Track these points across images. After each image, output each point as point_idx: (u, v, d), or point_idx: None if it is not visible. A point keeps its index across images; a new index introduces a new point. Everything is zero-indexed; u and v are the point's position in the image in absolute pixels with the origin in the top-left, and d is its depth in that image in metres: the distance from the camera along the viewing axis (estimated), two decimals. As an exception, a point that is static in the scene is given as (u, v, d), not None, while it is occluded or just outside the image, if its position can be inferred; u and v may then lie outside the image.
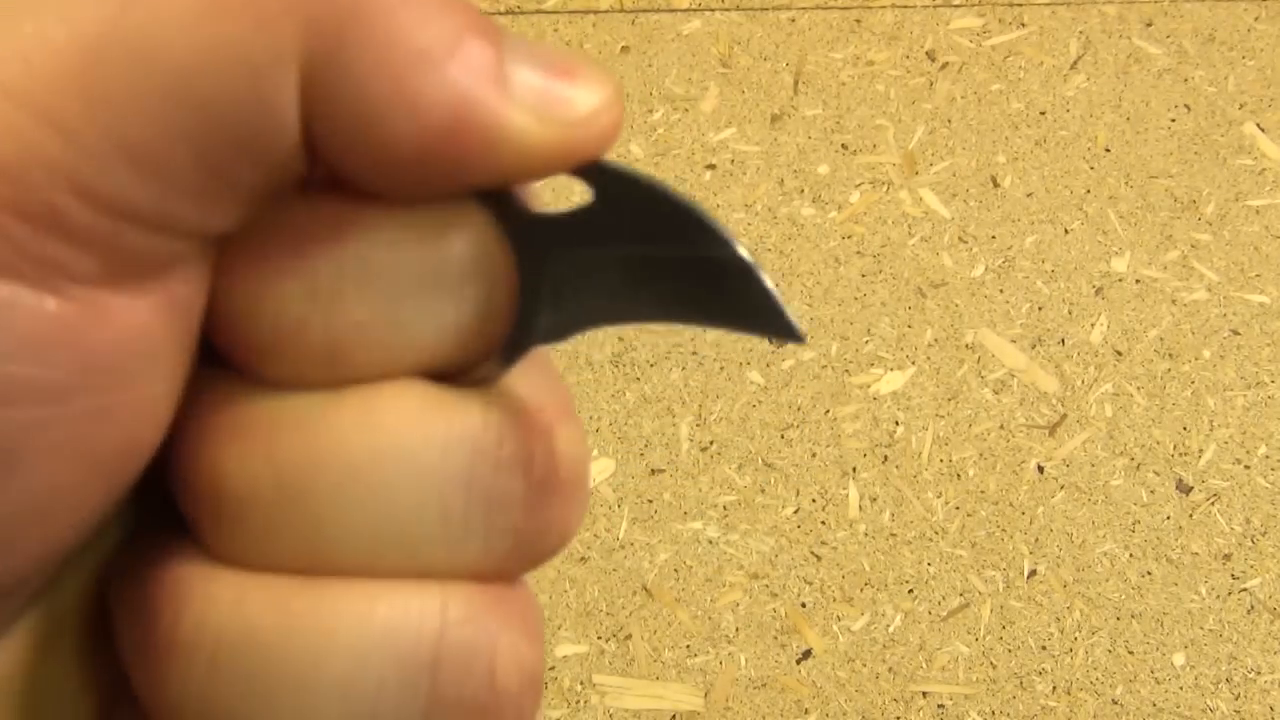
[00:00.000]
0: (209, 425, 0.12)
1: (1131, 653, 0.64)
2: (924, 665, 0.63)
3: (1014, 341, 0.72)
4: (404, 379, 0.12)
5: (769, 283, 0.12)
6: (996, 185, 0.78)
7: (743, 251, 0.12)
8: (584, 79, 0.12)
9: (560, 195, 0.66)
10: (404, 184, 0.11)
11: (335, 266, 0.12)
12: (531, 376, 0.13)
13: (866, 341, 0.72)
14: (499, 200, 0.12)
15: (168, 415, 0.12)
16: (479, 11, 0.11)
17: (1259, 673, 0.63)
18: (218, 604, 0.12)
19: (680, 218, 0.12)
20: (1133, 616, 0.64)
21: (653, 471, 0.68)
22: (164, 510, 0.14)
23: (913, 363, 0.71)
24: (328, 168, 0.11)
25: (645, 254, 0.12)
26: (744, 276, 0.12)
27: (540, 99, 0.11)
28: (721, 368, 0.71)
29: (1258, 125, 0.81)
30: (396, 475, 0.12)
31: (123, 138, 0.10)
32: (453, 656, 0.12)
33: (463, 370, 0.13)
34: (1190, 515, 0.67)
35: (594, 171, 0.12)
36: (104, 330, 0.11)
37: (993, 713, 0.62)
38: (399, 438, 0.12)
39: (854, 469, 0.68)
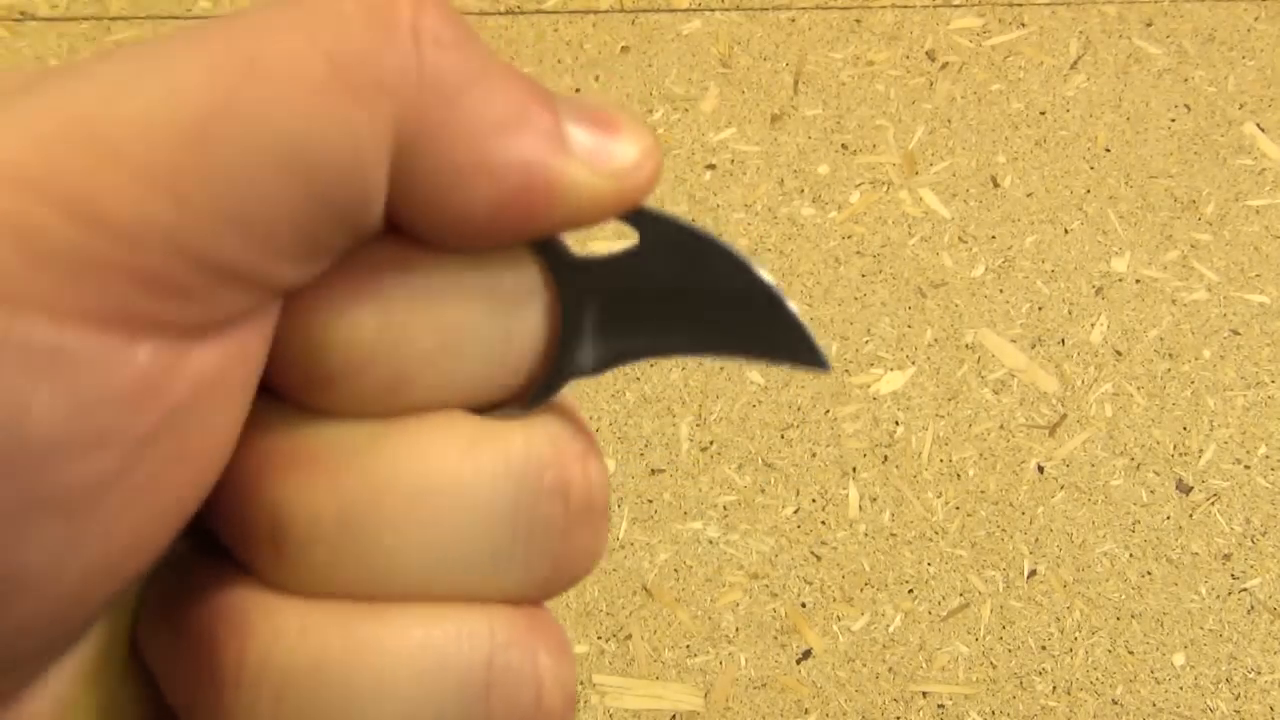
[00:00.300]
0: (268, 457, 0.13)
1: (1131, 653, 0.64)
2: (924, 665, 0.63)
3: (1014, 341, 0.72)
4: (452, 411, 0.13)
5: (799, 316, 0.13)
6: (996, 185, 0.78)
7: (775, 288, 0.13)
8: (626, 131, 0.13)
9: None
10: (474, 239, 0.12)
11: (406, 299, 0.13)
12: (562, 411, 0.14)
13: (866, 341, 0.72)
14: (546, 244, 0.13)
15: (229, 452, 0.13)
16: (535, 80, 0.13)
17: (1259, 673, 0.63)
18: (283, 635, 0.12)
19: (717, 256, 0.13)
20: (1133, 616, 0.64)
21: (653, 471, 0.68)
22: (190, 539, 0.14)
23: (913, 363, 0.71)
24: (405, 227, 0.12)
25: (682, 291, 0.13)
26: (776, 311, 0.13)
27: (592, 155, 0.13)
28: (721, 368, 0.71)
29: (1258, 125, 0.81)
30: (451, 505, 0.13)
31: (232, 206, 0.11)
32: (503, 679, 0.13)
33: (505, 403, 0.14)
34: (1190, 515, 0.67)
35: (637, 216, 0.14)
36: (185, 379, 0.11)
37: (993, 713, 0.62)
38: (453, 468, 0.13)
39: (854, 469, 0.68)
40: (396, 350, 0.13)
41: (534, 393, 0.14)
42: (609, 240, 0.70)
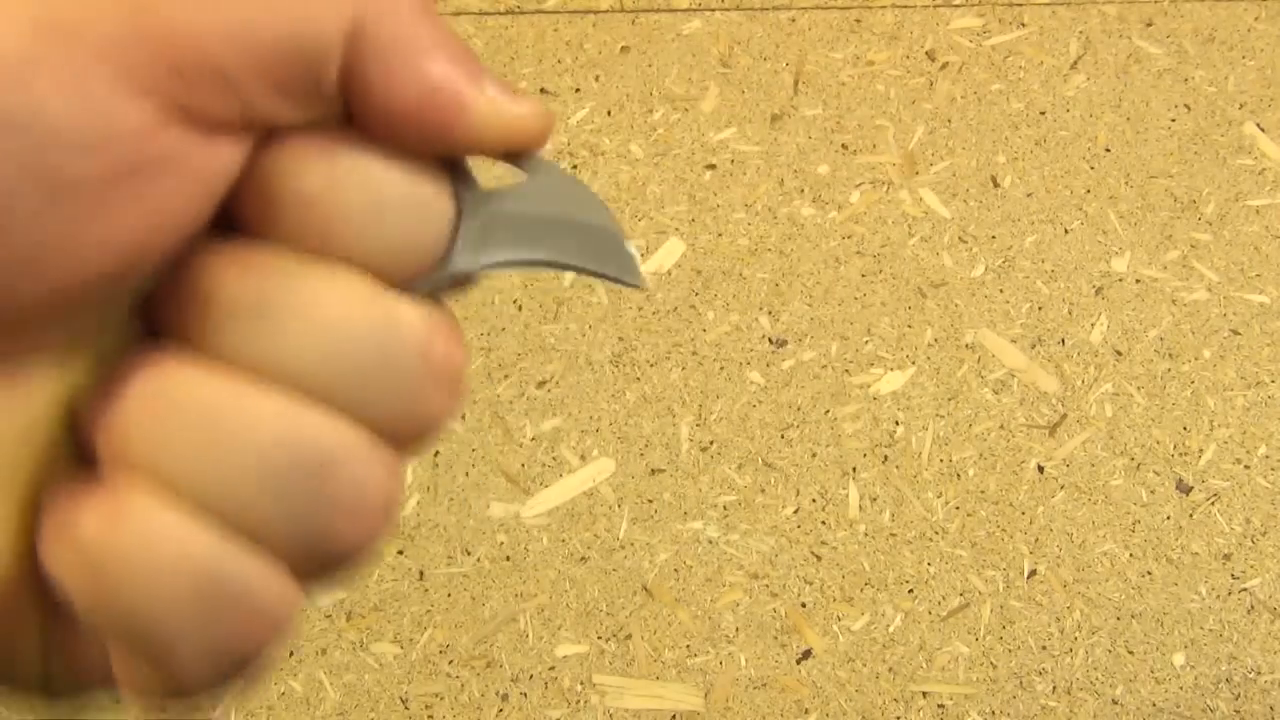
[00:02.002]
0: (218, 256, 0.17)
1: (1131, 653, 0.64)
2: (924, 665, 0.63)
3: (1014, 341, 0.72)
4: (364, 273, 0.17)
5: (630, 247, 0.19)
6: (996, 185, 0.78)
7: (615, 225, 0.19)
8: (529, 101, 0.18)
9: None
10: (399, 128, 0.17)
11: (350, 162, 0.17)
12: (446, 308, 0.19)
13: (866, 341, 0.72)
14: (457, 167, 0.18)
15: (195, 221, 0.17)
16: (465, 48, 0.18)
17: (1259, 673, 0.63)
18: (183, 381, 0.16)
19: (582, 199, 0.19)
20: (1133, 616, 0.64)
21: (653, 471, 0.68)
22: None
23: (913, 363, 0.71)
24: (352, 108, 0.17)
25: (551, 221, 0.18)
26: (613, 241, 0.19)
27: (498, 99, 0.17)
28: (721, 368, 0.71)
29: (1258, 125, 0.81)
30: (339, 327, 0.17)
31: (242, 39, 0.16)
32: (335, 472, 0.17)
33: (403, 284, 0.18)
34: (1190, 515, 0.67)
35: (528, 164, 0.19)
36: (172, 141, 0.16)
37: (993, 713, 0.62)
38: (349, 305, 0.17)
39: (854, 469, 0.68)
40: (334, 197, 0.17)
41: (424, 279, 0.18)
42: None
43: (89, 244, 0.15)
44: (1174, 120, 0.81)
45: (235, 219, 0.17)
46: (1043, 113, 0.81)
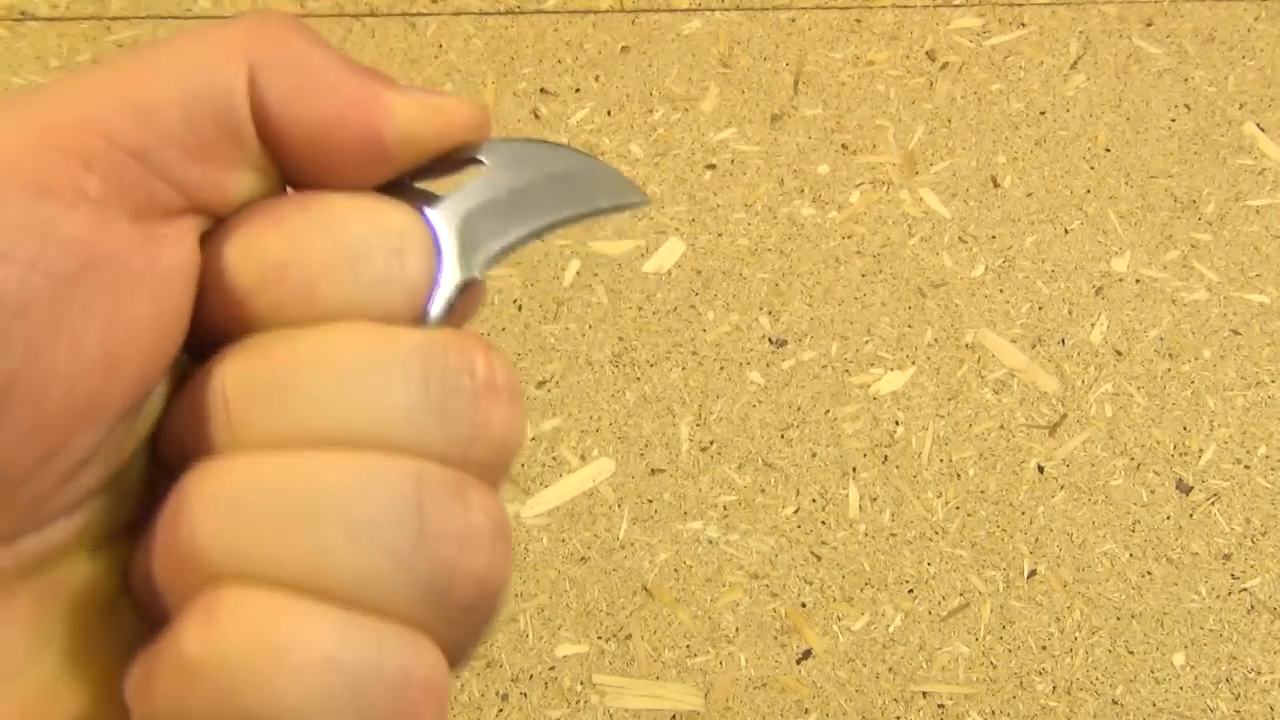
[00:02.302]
0: (215, 361, 0.16)
1: (1131, 653, 0.64)
2: (924, 665, 0.63)
3: (1014, 341, 0.72)
4: (362, 318, 0.16)
5: (614, 170, 0.18)
6: (996, 185, 0.78)
7: (591, 157, 0.18)
8: (451, 94, 0.17)
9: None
10: (333, 155, 0.16)
11: (305, 222, 0.16)
12: (463, 329, 0.18)
13: (866, 341, 0.72)
14: (412, 194, 0.17)
15: (175, 325, 0.16)
16: (357, 62, 0.17)
17: (1259, 673, 0.63)
18: (232, 470, 0.15)
19: (545, 151, 0.18)
20: (1133, 616, 0.64)
21: (653, 471, 0.68)
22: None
23: (913, 363, 0.71)
24: (276, 150, 0.16)
25: (525, 188, 0.18)
26: (597, 173, 0.18)
27: (418, 94, 0.17)
28: (721, 368, 0.71)
29: (1258, 125, 0.81)
30: (364, 367, 0.16)
31: (140, 112, 0.15)
32: (435, 513, 0.15)
33: (411, 319, 0.17)
34: (1190, 515, 0.67)
35: (481, 150, 0.18)
36: (117, 239, 0.15)
37: (993, 713, 0.62)
38: (366, 344, 0.16)
39: (854, 469, 0.68)
40: (300, 256, 0.16)
41: (427, 306, 0.17)
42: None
43: (59, 366, 0.14)
44: (1174, 120, 0.81)
45: (217, 331, 0.17)
46: (1043, 113, 0.81)
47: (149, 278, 0.15)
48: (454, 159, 0.18)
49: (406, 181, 0.17)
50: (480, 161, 0.18)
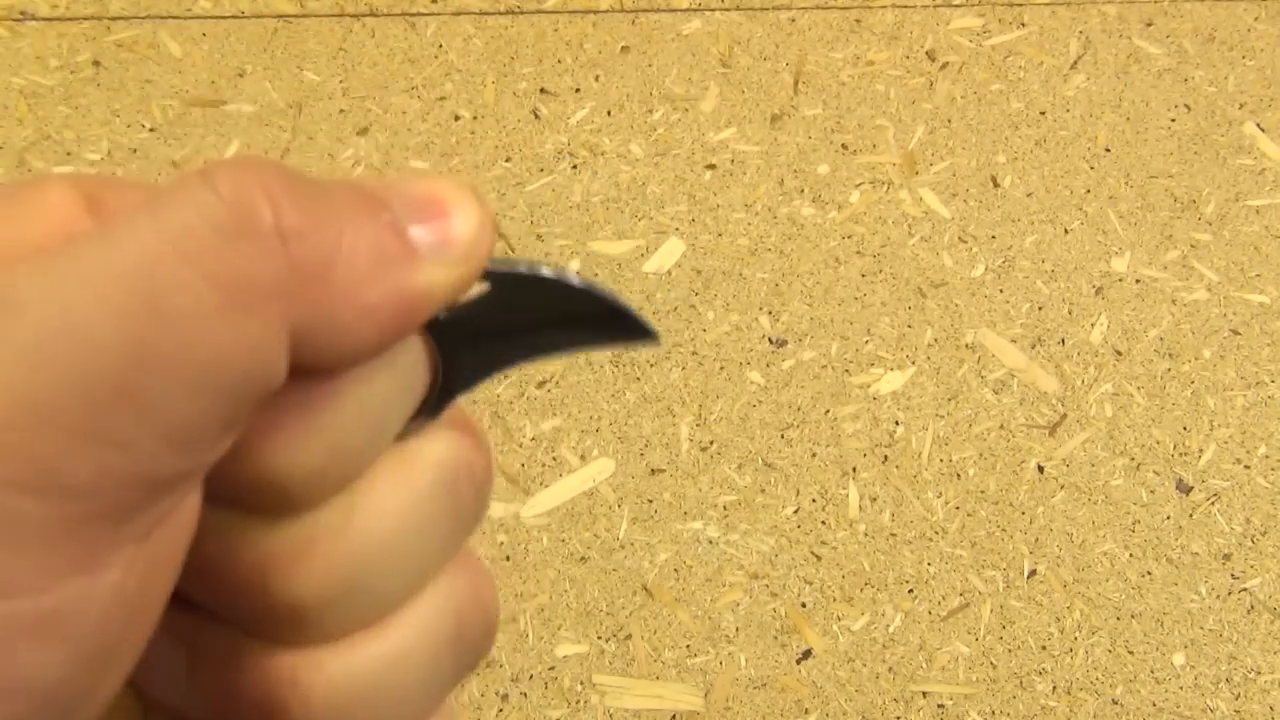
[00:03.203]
0: (268, 561, 0.16)
1: (1131, 653, 0.64)
2: (924, 665, 0.63)
3: (1014, 341, 0.72)
4: (383, 456, 0.16)
5: (625, 304, 0.17)
6: (996, 185, 0.78)
7: (608, 296, 0.17)
8: (455, 207, 0.15)
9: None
10: (366, 359, 0.15)
11: (339, 416, 0.15)
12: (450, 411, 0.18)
13: (866, 341, 0.72)
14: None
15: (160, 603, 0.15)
16: (366, 192, 0.15)
17: (1259, 673, 0.63)
18: (333, 678, 0.16)
19: (547, 284, 0.17)
20: (1133, 616, 0.64)
21: (653, 471, 0.68)
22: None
23: (913, 363, 0.71)
24: (305, 371, 0.15)
25: (530, 312, 0.17)
26: (604, 307, 0.17)
27: (438, 249, 0.15)
28: (721, 368, 0.71)
29: (1258, 125, 0.81)
30: (412, 528, 0.16)
31: (166, 430, 0.13)
32: (468, 618, 0.17)
33: (411, 424, 0.17)
34: (1190, 515, 0.67)
35: (488, 271, 0.17)
36: (123, 569, 0.14)
37: (993, 713, 0.62)
38: (406, 501, 0.16)
39: (854, 469, 0.68)
40: (343, 455, 0.15)
41: (430, 411, 0.17)
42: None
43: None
44: (1174, 120, 0.81)
45: (245, 507, 0.16)
46: (1043, 113, 0.81)
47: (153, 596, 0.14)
48: None
49: None
50: (484, 281, 0.17)
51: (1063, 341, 0.72)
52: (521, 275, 0.17)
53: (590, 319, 0.17)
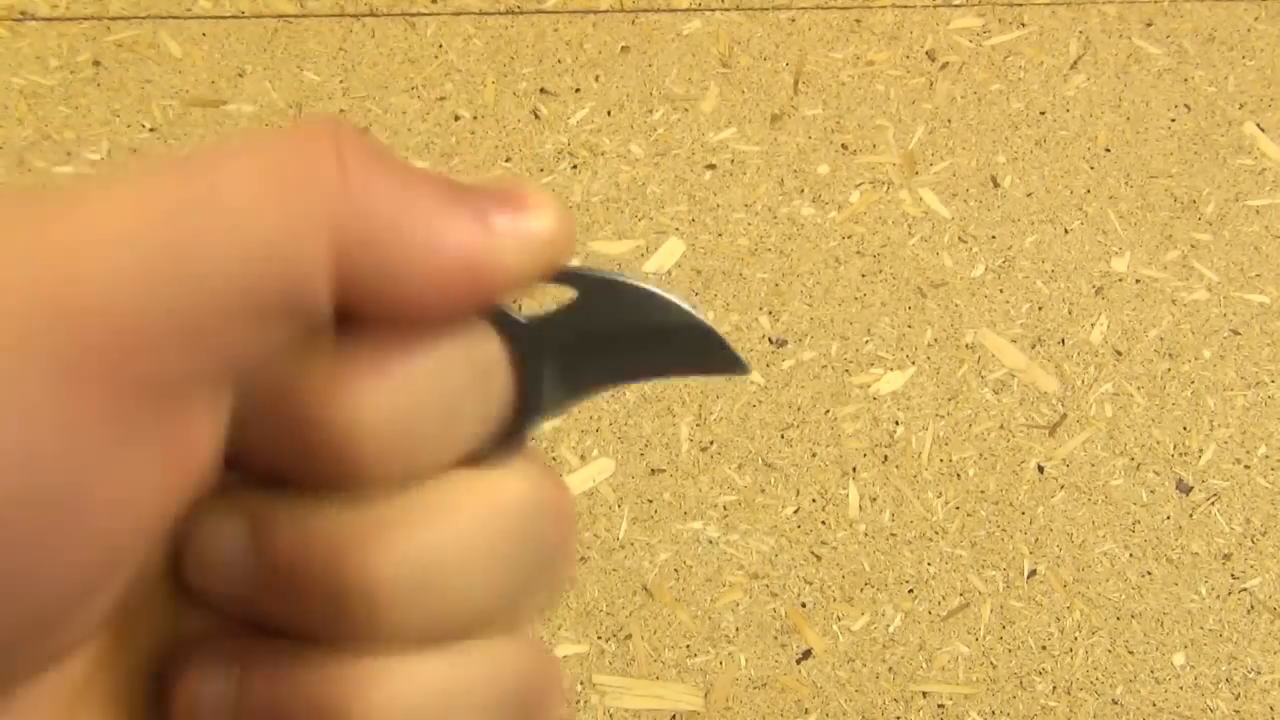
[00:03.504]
0: (340, 540, 0.15)
1: (1131, 653, 0.64)
2: (924, 665, 0.63)
3: (1014, 341, 0.72)
4: (456, 471, 0.16)
5: (718, 334, 0.16)
6: (996, 185, 0.78)
7: (696, 316, 0.16)
8: (536, 205, 0.15)
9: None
10: (427, 319, 0.15)
11: (412, 379, 0.15)
12: (529, 452, 0.17)
13: (866, 341, 0.72)
14: (495, 314, 0.16)
15: (168, 504, 0.15)
16: (450, 177, 0.15)
17: (1259, 673, 0.63)
18: (397, 689, 0.15)
19: (642, 298, 0.16)
20: (1133, 616, 0.64)
21: (653, 471, 0.68)
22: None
23: (913, 363, 0.71)
24: (364, 315, 0.15)
25: (620, 331, 0.16)
26: (698, 334, 0.16)
27: (515, 234, 0.15)
28: (721, 368, 0.71)
29: (1258, 125, 0.81)
30: (487, 546, 0.15)
31: (199, 320, 0.13)
32: (533, 691, 0.17)
33: (484, 451, 0.16)
34: (1190, 515, 0.67)
35: (571, 277, 0.16)
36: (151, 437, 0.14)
37: (993, 713, 0.62)
38: (483, 516, 0.16)
39: (854, 469, 0.68)
40: (414, 427, 0.15)
41: (510, 440, 0.16)
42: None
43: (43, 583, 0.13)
44: (1174, 120, 0.81)
45: (304, 480, 0.15)
46: (1043, 113, 0.81)
47: (169, 460, 0.14)
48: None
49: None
50: (564, 284, 0.16)
51: (1063, 341, 0.72)
52: (608, 281, 0.16)
53: (678, 341, 0.16)
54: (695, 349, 0.16)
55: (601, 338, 0.16)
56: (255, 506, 0.15)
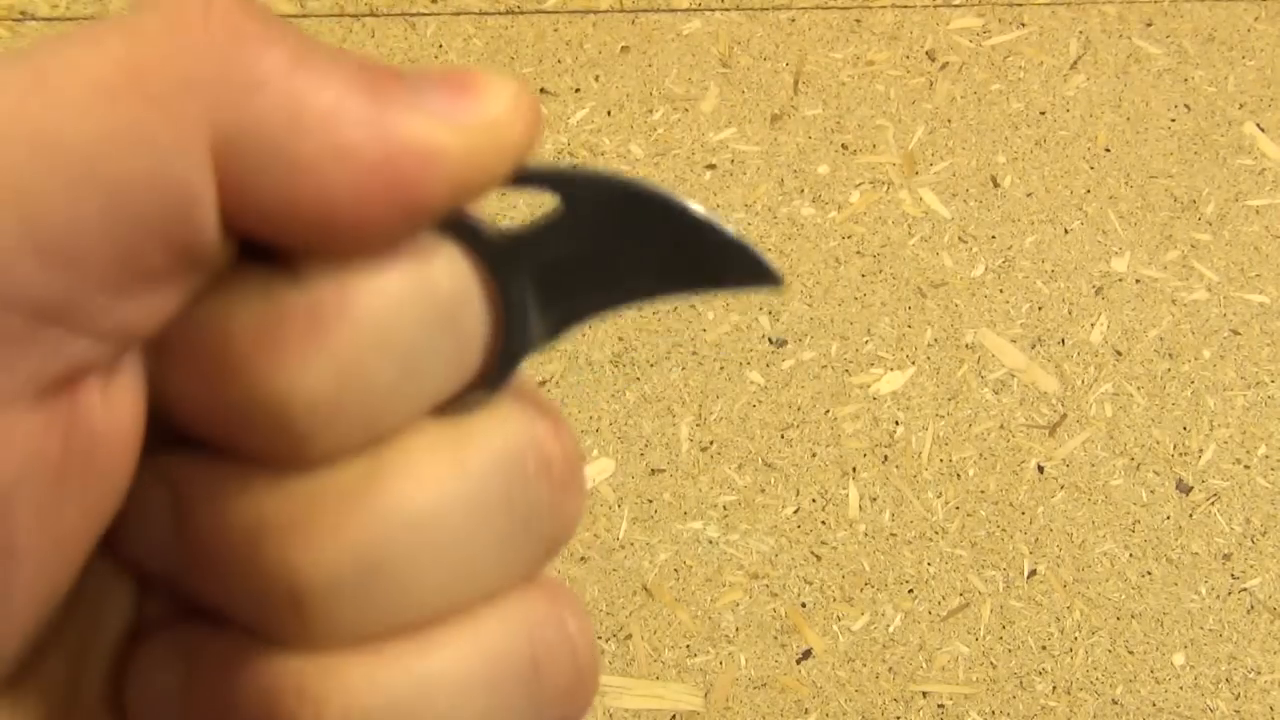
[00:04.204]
0: (264, 526, 0.13)
1: (1131, 653, 0.64)
2: (924, 665, 0.63)
3: (1014, 341, 0.72)
4: (422, 424, 0.13)
5: (740, 238, 0.13)
6: (996, 185, 0.78)
7: (709, 218, 0.13)
8: (487, 86, 0.12)
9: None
10: (348, 234, 0.12)
11: (354, 340, 0.12)
12: (520, 388, 0.14)
13: (866, 341, 0.72)
14: (461, 230, 0.13)
15: (111, 506, 0.13)
16: (370, 59, 0.12)
17: (1259, 673, 0.63)
18: (353, 692, 0.13)
19: (644, 201, 0.13)
20: (1133, 616, 0.64)
21: (653, 471, 0.68)
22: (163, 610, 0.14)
23: (913, 363, 0.71)
24: (268, 237, 0.12)
25: (617, 243, 0.13)
26: (715, 240, 0.13)
27: (453, 114, 0.12)
28: (721, 368, 0.71)
29: (1258, 125, 0.81)
30: (453, 520, 0.13)
31: (33, 231, 0.10)
32: (547, 656, 0.14)
33: (464, 392, 0.13)
34: (1190, 515, 0.67)
35: (546, 178, 0.13)
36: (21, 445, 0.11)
37: (993, 713, 0.62)
38: (445, 485, 0.13)
39: (854, 469, 0.68)
40: (361, 391, 0.12)
41: (492, 378, 0.13)
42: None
43: None
44: (1174, 120, 0.81)
45: (246, 456, 0.13)
46: (1043, 113, 0.81)
47: (78, 471, 0.12)
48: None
49: (452, 211, 0.13)
50: (540, 188, 0.13)
51: (1063, 341, 0.72)
52: (597, 180, 0.13)
53: (689, 251, 0.13)
54: (708, 258, 0.13)
55: (594, 252, 0.13)
56: (180, 474, 0.13)
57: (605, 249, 0.13)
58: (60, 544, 0.12)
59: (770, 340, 0.72)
